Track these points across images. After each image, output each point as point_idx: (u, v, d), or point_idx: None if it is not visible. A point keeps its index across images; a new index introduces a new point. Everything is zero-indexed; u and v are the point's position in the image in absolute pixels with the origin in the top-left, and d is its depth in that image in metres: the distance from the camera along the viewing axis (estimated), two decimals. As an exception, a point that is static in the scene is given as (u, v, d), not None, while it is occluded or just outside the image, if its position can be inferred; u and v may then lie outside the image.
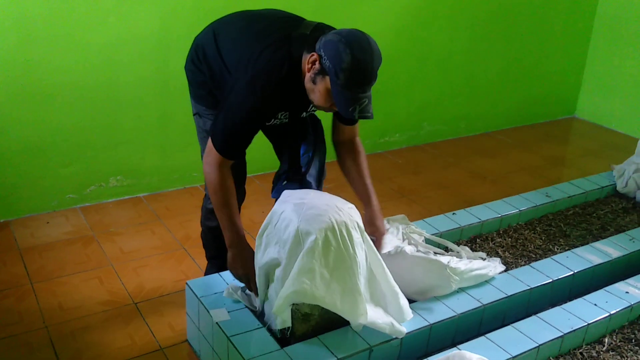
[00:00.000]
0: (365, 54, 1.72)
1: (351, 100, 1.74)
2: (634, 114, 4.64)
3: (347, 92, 1.73)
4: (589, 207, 2.97)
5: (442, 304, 2.09)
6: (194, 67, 2.16)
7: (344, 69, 1.70)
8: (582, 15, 4.77)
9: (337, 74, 1.71)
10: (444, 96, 4.33)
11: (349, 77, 1.71)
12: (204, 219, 2.38)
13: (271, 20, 2.02)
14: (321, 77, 1.77)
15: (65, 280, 2.60)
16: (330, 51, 1.72)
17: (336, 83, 1.73)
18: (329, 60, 1.72)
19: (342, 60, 1.70)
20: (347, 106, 1.75)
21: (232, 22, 2.10)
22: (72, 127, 3.06)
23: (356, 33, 1.75)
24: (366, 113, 1.77)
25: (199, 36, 2.17)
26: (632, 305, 2.16)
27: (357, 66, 1.71)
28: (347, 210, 1.91)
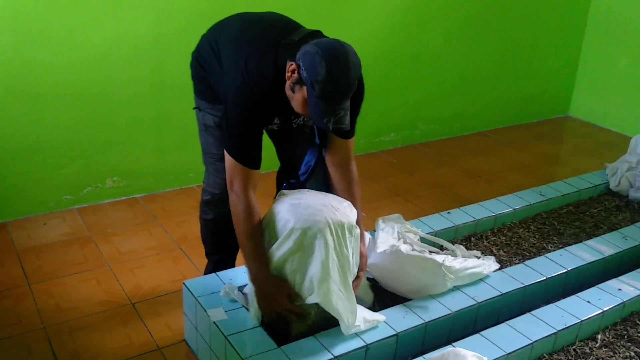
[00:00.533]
0: (340, 67, 1.72)
1: (326, 111, 1.75)
2: (627, 113, 4.68)
3: (322, 103, 1.74)
4: (583, 205, 3.00)
5: (437, 302, 2.11)
6: (196, 63, 2.21)
7: (319, 81, 1.71)
8: (575, 15, 4.81)
9: (312, 85, 1.73)
10: (438, 96, 4.35)
11: (323, 90, 1.72)
12: (201, 212, 2.40)
13: (265, 26, 2.04)
14: (299, 87, 1.79)
15: (63, 281, 2.61)
16: (307, 62, 1.73)
17: (312, 94, 1.74)
18: (306, 71, 1.74)
19: (318, 72, 1.71)
20: (322, 117, 1.76)
21: (231, 24, 2.13)
22: (68, 128, 3.07)
23: (334, 45, 1.75)
24: (341, 125, 1.77)
25: (205, 35, 2.22)
26: (624, 302, 2.19)
27: (332, 79, 1.71)
28: (342, 209, 1.93)
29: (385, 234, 2.43)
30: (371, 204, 3.44)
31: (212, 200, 2.30)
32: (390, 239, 2.42)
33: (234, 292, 2.04)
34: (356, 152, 4.05)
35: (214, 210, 2.32)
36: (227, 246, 2.42)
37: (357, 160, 4.07)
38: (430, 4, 4.03)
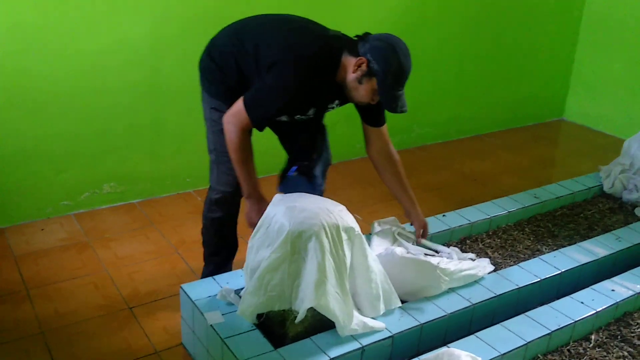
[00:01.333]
0: (407, 58, 2.02)
1: (396, 97, 2.01)
2: (621, 116, 4.72)
3: (393, 92, 2.00)
4: (577, 207, 3.02)
5: (432, 304, 2.13)
6: (213, 65, 2.24)
7: (392, 71, 1.97)
8: (569, 19, 4.84)
9: (385, 75, 1.97)
10: (433, 100, 4.38)
11: (395, 79, 1.98)
12: (206, 211, 2.42)
13: (301, 22, 2.23)
14: (368, 78, 2.01)
15: (61, 286, 2.62)
16: (379, 56, 1.97)
17: (384, 83, 1.99)
18: (377, 64, 1.97)
19: (391, 64, 1.97)
20: (392, 102, 2.01)
21: (257, 22, 2.22)
22: (65, 134, 3.09)
23: (397, 40, 2.03)
24: (405, 107, 2.05)
25: (218, 36, 2.27)
26: (617, 303, 2.21)
27: (402, 69, 2.00)
28: (337, 212, 1.95)
29: (381, 237, 2.46)
30: (368, 207, 3.46)
31: (222, 198, 2.34)
32: (386, 242, 2.44)
33: (230, 296, 2.06)
34: (353, 156, 4.11)
35: (223, 209, 2.36)
36: (229, 246, 2.46)
37: (354, 164, 4.12)
38: (425, 8, 4.06)
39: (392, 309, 2.05)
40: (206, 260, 2.51)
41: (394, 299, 2.06)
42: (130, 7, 3.04)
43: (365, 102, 2.10)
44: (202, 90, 2.31)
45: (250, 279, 1.95)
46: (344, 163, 4.05)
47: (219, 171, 2.32)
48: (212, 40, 2.28)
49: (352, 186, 3.73)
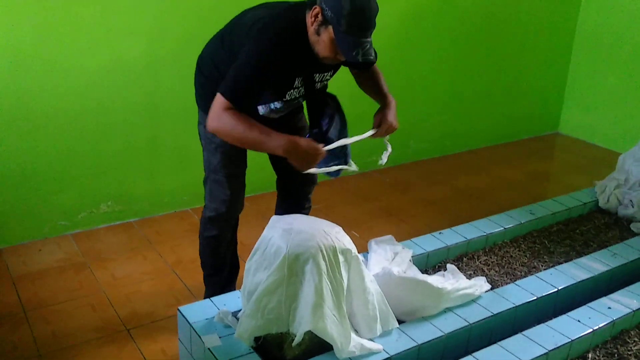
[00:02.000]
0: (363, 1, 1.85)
1: (354, 44, 1.87)
2: (615, 129, 4.75)
3: (349, 37, 1.86)
4: (572, 223, 3.03)
5: (429, 324, 2.13)
6: (203, 78, 2.24)
7: (345, 14, 1.83)
8: (562, 34, 4.88)
9: (339, 20, 1.84)
10: (429, 115, 4.40)
11: (350, 22, 1.84)
12: (202, 230, 2.41)
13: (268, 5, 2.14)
14: (324, 28, 1.89)
15: (59, 308, 2.62)
16: (331, 1, 1.85)
17: (339, 30, 1.85)
18: (330, 9, 1.85)
19: (342, 7, 1.83)
20: (350, 50, 1.87)
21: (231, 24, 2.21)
22: (62, 154, 3.10)
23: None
24: (369, 56, 1.90)
25: (203, 51, 2.27)
26: (614, 321, 2.21)
27: (357, 11, 1.84)
28: (334, 234, 1.96)
29: (378, 256, 2.46)
30: (364, 224, 3.47)
31: (216, 217, 2.33)
32: (383, 261, 2.44)
33: (227, 318, 2.06)
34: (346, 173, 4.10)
35: (218, 227, 2.35)
36: (228, 267, 2.45)
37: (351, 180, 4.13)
38: (420, 25, 4.09)
39: (389, 329, 2.06)
40: (206, 282, 2.50)
41: (391, 320, 2.06)
42: (126, 27, 3.07)
43: (330, 57, 1.96)
44: (198, 109, 2.31)
45: (248, 301, 1.96)
46: (340, 179, 4.05)
47: (212, 189, 2.32)
48: (199, 56, 2.29)
49: (348, 203, 3.75)
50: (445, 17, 4.18)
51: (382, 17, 3.84)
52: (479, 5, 4.32)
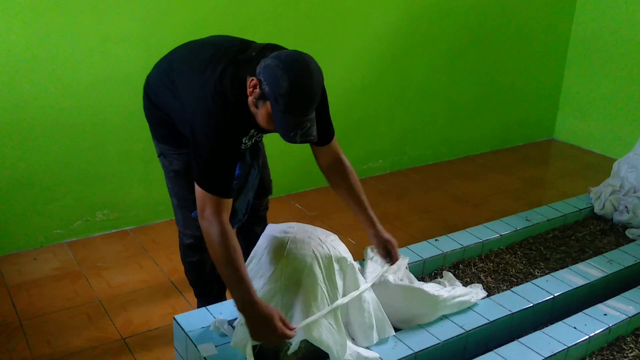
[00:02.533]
0: (303, 79, 1.71)
1: (292, 124, 1.73)
2: (610, 135, 4.77)
3: (288, 117, 1.73)
4: (568, 229, 3.04)
5: (426, 331, 2.13)
6: (150, 104, 2.15)
7: (283, 94, 1.69)
8: (556, 41, 4.91)
9: (276, 99, 1.71)
10: (425, 122, 4.41)
11: (287, 103, 1.70)
12: (183, 255, 2.36)
13: (217, 48, 1.98)
14: (262, 102, 1.76)
15: (54, 317, 2.61)
16: (269, 77, 1.71)
17: (276, 108, 1.72)
18: (268, 86, 1.72)
19: (281, 86, 1.69)
20: (288, 131, 1.74)
21: (179, 54, 2.10)
22: (57, 163, 3.09)
23: (295, 57, 1.74)
24: (308, 136, 1.76)
25: (150, 74, 2.18)
26: (610, 327, 2.22)
27: (296, 92, 1.70)
28: (329, 242, 1.96)
29: (374, 264, 2.45)
30: (361, 231, 3.44)
31: (195, 243, 2.25)
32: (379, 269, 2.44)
33: (223, 327, 2.05)
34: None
35: (198, 252, 2.28)
36: (217, 284, 2.40)
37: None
38: (415, 33, 4.11)
39: (385, 337, 2.06)
40: (197, 298, 2.48)
41: (388, 328, 2.06)
42: (122, 37, 3.07)
43: (270, 129, 1.85)
44: (152, 136, 2.23)
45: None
46: (337, 186, 4.06)
47: (184, 216, 2.23)
48: (146, 79, 2.19)
49: (344, 210, 3.72)
50: (441, 24, 4.20)
51: (378, 25, 3.89)
52: (473, 13, 4.34)
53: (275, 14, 3.48)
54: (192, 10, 3.22)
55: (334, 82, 3.88)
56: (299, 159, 3.81)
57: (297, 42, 3.58)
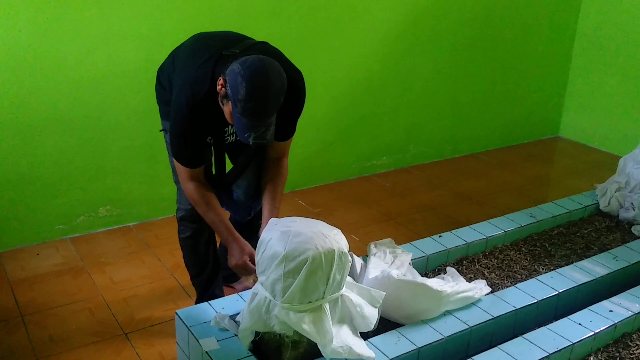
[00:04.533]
0: (260, 89, 1.84)
1: (247, 126, 1.89)
2: (615, 133, 4.74)
3: (244, 119, 1.88)
4: (573, 226, 3.02)
5: (429, 327, 2.11)
6: (159, 86, 2.33)
7: (240, 100, 1.84)
8: (561, 38, 4.88)
9: (235, 103, 1.86)
10: (428, 119, 4.40)
11: (244, 108, 1.85)
12: (179, 232, 2.47)
13: (211, 40, 2.18)
14: (226, 100, 1.94)
15: (56, 312, 2.61)
16: (231, 80, 1.86)
17: (235, 110, 1.88)
18: (230, 89, 1.87)
19: (239, 92, 1.84)
20: (243, 132, 1.90)
21: (185, 44, 2.27)
22: (60, 159, 3.09)
23: (257, 65, 1.86)
24: (261, 140, 1.92)
25: (164, 62, 2.34)
26: (616, 324, 2.19)
27: (252, 99, 1.84)
28: (332, 236, 1.94)
29: (377, 259, 2.44)
30: (364, 228, 3.46)
31: (186, 215, 2.38)
32: (382, 264, 2.43)
33: (224, 321, 2.04)
34: (349, 176, 4.11)
35: (190, 227, 2.40)
36: (210, 265, 2.47)
37: (350, 184, 4.13)
38: (419, 30, 4.09)
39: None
40: (193, 285, 2.54)
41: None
42: (125, 32, 3.06)
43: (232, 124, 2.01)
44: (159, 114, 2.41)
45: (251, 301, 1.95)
46: (340, 183, 4.05)
47: (179, 190, 2.38)
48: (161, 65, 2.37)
49: (348, 206, 3.73)
50: (445, 21, 4.18)
51: (382, 23, 3.88)
52: (478, 10, 4.32)
53: (278, 11, 3.46)
54: (195, 6, 3.21)
55: (338, 80, 3.87)
56: (303, 156, 3.81)
57: (300, 40, 3.58)
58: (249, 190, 2.41)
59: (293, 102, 2.11)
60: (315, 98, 3.64)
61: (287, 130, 2.23)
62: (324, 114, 3.85)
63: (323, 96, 3.79)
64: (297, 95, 2.14)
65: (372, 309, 2.03)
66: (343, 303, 1.97)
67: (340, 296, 1.96)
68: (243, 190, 2.41)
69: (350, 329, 1.99)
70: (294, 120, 2.23)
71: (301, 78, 2.17)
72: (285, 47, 2.26)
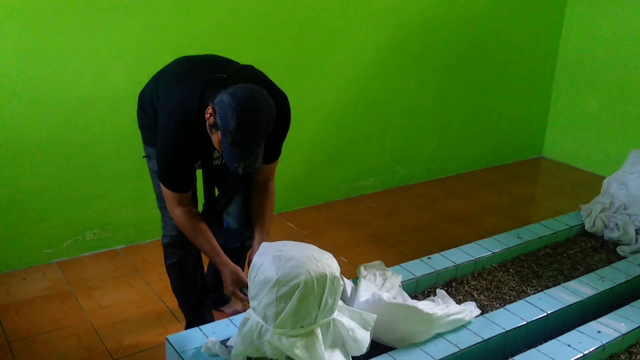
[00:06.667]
0: (249, 121, 1.87)
1: (237, 156, 1.91)
2: (598, 153, 4.81)
3: (233, 149, 1.90)
4: (559, 247, 3.05)
5: (420, 350, 2.12)
6: (142, 111, 2.32)
7: (230, 131, 1.86)
8: (544, 61, 4.97)
9: (224, 133, 1.88)
10: (415, 140, 4.44)
11: (234, 139, 1.87)
12: (165, 259, 2.46)
13: (198, 63, 2.20)
14: (215, 130, 1.94)
15: (43, 339, 2.58)
16: (221, 111, 1.88)
17: (224, 140, 1.90)
18: (220, 119, 1.89)
19: (229, 123, 1.86)
20: (232, 162, 1.92)
21: (169, 68, 2.28)
22: (47, 182, 3.07)
23: (247, 98, 1.87)
24: (251, 169, 1.94)
25: (146, 86, 2.35)
26: (604, 345, 2.21)
27: (242, 131, 1.86)
28: (324, 260, 1.95)
29: (368, 282, 2.45)
30: (353, 250, 3.46)
31: (171, 242, 2.38)
32: (373, 287, 2.43)
33: (215, 347, 2.03)
34: (337, 197, 4.13)
35: (176, 253, 2.39)
36: (198, 290, 2.45)
37: (338, 205, 4.13)
38: (405, 54, 4.15)
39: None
40: (181, 309, 2.52)
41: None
42: (113, 53, 3.07)
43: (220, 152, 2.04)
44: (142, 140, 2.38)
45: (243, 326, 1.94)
46: (328, 204, 4.06)
47: (163, 216, 2.38)
48: (143, 88, 2.37)
49: (336, 228, 3.74)
50: (430, 45, 4.24)
51: (368, 46, 3.93)
52: (463, 35, 4.39)
53: (266, 33, 3.50)
54: (183, 28, 3.23)
55: (325, 102, 3.90)
56: (291, 178, 3.82)
57: (287, 62, 3.61)
58: (240, 217, 2.41)
59: (279, 125, 2.12)
60: (303, 120, 3.66)
61: (273, 152, 2.24)
62: (312, 136, 3.88)
63: (310, 118, 3.82)
64: (282, 118, 2.14)
65: (364, 332, 2.03)
66: (335, 327, 1.97)
67: (332, 320, 1.97)
68: (234, 217, 2.41)
69: (342, 353, 1.99)
70: (280, 143, 2.25)
71: (286, 100, 2.19)
72: (272, 71, 2.29)
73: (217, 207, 2.36)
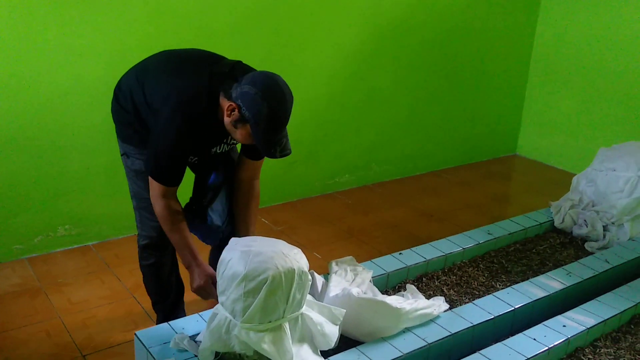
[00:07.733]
0: (280, 103, 1.94)
1: (272, 142, 1.97)
2: (570, 151, 4.88)
3: (268, 137, 1.95)
4: (529, 243, 3.09)
5: (388, 344, 2.13)
6: (119, 107, 2.26)
7: (263, 119, 1.91)
8: (518, 58, 5.02)
9: (257, 123, 1.92)
10: (390, 138, 4.46)
11: (268, 125, 1.93)
12: (140, 259, 2.43)
13: (191, 57, 2.18)
14: (242, 124, 1.97)
15: (12, 335, 2.56)
16: (249, 103, 1.91)
17: (257, 130, 1.94)
18: (248, 111, 1.92)
19: (261, 112, 1.90)
20: (269, 148, 1.98)
21: (154, 61, 2.23)
22: (18, 178, 3.04)
23: (270, 84, 1.94)
24: (286, 151, 2.02)
25: (123, 77, 2.28)
26: (569, 339, 2.25)
27: (275, 116, 1.93)
28: (293, 255, 1.96)
29: (339, 277, 2.46)
30: (326, 246, 3.48)
31: (150, 243, 2.35)
32: (343, 282, 2.45)
33: (184, 342, 2.03)
34: (312, 194, 4.14)
35: (154, 254, 2.36)
36: (173, 291, 2.45)
37: (313, 202, 4.14)
38: (381, 52, 4.17)
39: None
40: (155, 309, 2.50)
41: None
42: (86, 48, 3.05)
43: (247, 143, 2.10)
44: (117, 136, 2.33)
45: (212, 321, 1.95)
46: (302, 201, 4.07)
47: (141, 217, 2.34)
48: (118, 81, 2.31)
49: (311, 224, 3.75)
50: (406, 43, 4.27)
51: (343, 41, 3.94)
52: (438, 33, 4.42)
53: (241, 29, 3.50)
54: (157, 23, 3.22)
55: (301, 98, 3.88)
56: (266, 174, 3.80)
57: (263, 58, 3.60)
58: (224, 214, 2.40)
59: None
60: (278, 117, 3.66)
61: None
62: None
63: (286, 115, 3.82)
64: None
65: (333, 327, 2.05)
66: (303, 322, 1.98)
67: (301, 315, 1.98)
68: (218, 214, 2.40)
69: (310, 348, 2.00)
70: None
71: None
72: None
73: (203, 203, 2.35)
